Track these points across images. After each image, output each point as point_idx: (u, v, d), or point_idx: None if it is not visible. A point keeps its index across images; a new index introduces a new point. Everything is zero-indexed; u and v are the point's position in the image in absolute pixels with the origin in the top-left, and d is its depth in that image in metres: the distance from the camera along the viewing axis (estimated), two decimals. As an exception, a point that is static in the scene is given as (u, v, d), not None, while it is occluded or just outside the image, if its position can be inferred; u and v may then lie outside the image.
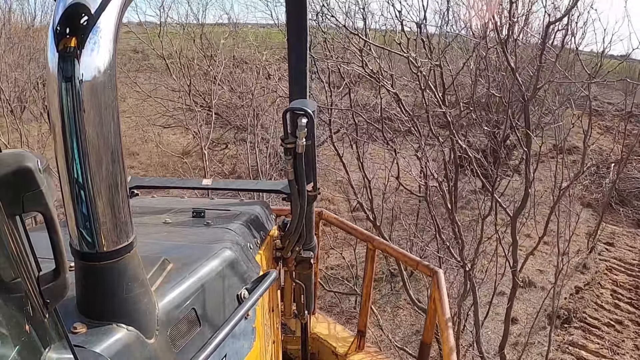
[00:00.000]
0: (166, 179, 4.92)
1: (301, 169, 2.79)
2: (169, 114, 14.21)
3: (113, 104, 1.36)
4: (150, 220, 2.75)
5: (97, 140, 1.34)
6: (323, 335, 5.36)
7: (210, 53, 13.21)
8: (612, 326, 8.65)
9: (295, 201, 2.93)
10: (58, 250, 1.21)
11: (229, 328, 1.95)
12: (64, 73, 1.26)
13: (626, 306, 9.29)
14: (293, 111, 2.67)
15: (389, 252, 4.86)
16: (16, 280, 1.15)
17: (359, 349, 5.20)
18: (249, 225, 2.77)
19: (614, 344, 8.18)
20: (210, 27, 15.18)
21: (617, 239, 11.76)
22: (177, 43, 13.09)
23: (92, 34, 1.27)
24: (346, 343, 5.28)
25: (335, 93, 9.43)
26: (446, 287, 4.33)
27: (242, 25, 15.49)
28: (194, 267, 2.01)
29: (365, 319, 5.18)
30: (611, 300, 9.40)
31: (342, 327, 5.64)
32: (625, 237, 11.89)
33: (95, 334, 1.47)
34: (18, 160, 1.10)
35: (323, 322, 5.68)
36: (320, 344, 5.31)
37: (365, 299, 5.05)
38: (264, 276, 2.37)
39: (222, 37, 14.12)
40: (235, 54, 13.41)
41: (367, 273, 4.96)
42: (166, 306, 1.76)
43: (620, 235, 11.97)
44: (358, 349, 5.20)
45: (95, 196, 1.40)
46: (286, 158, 2.81)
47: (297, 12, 3.04)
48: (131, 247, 1.52)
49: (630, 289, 9.85)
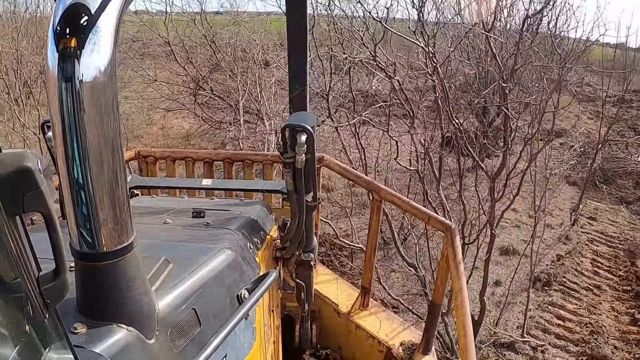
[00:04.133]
0: (166, 179, 4.95)
1: (300, 182, 2.81)
2: (173, 97, 14.72)
3: (113, 103, 1.37)
4: (150, 220, 2.76)
5: (97, 140, 1.35)
6: (325, 292, 5.23)
7: (212, 39, 13.68)
8: (590, 290, 9.25)
9: (295, 210, 2.95)
10: (58, 250, 1.21)
11: (229, 328, 1.96)
12: (64, 73, 1.27)
13: (605, 273, 9.89)
14: (292, 128, 2.65)
15: (396, 203, 4.57)
16: (16, 280, 1.15)
17: (363, 306, 5.08)
18: (249, 226, 2.77)
19: (591, 306, 8.78)
20: (211, 15, 15.61)
21: (600, 214, 12.36)
22: (181, 30, 13.68)
23: (92, 34, 1.28)
24: (349, 300, 5.17)
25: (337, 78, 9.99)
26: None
27: (242, 13, 15.93)
28: (194, 268, 2.02)
29: (370, 274, 4.99)
30: (591, 267, 9.99)
31: (345, 283, 5.54)
32: (607, 213, 12.49)
33: (95, 334, 1.48)
34: (18, 160, 1.10)
35: (325, 276, 5.59)
36: (322, 301, 5.17)
37: (370, 253, 4.87)
38: (264, 276, 2.38)
39: (223, 25, 14.74)
40: (236, 42, 13.89)
41: (372, 226, 4.75)
42: (166, 306, 1.77)
43: (603, 211, 12.57)
44: (362, 307, 5.08)
45: (96, 196, 1.40)
46: (285, 171, 2.81)
47: (297, 29, 3.08)
48: (131, 247, 1.52)
49: (609, 258, 10.44)
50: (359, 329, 4.86)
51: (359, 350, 4.92)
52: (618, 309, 8.82)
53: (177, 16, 14.25)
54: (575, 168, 14.29)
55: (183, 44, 13.52)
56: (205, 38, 13.20)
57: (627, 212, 12.48)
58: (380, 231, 9.46)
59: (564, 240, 10.80)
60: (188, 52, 13.64)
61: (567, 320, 8.29)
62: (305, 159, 2.69)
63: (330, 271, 5.84)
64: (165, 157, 5.31)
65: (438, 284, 4.17)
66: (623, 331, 8.20)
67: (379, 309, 5.16)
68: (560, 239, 10.84)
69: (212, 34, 13.44)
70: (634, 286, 9.36)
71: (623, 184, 13.93)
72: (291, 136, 2.67)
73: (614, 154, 15.21)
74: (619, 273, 9.93)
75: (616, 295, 9.25)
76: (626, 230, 11.61)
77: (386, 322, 4.90)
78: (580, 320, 8.31)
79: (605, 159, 14.58)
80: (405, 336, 4.72)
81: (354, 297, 5.16)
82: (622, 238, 11.24)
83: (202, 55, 13.83)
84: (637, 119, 20.41)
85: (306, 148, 2.65)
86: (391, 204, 4.84)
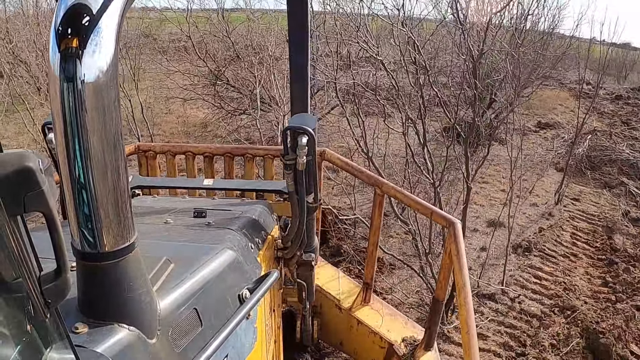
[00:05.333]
0: (167, 179, 5.03)
1: (301, 183, 2.83)
2: (190, 88, 15.89)
3: (115, 104, 1.38)
4: (151, 220, 2.76)
5: (98, 140, 1.36)
6: (326, 287, 5.17)
7: (228, 35, 14.86)
8: (567, 257, 10.33)
9: (296, 211, 2.97)
10: (59, 250, 1.22)
11: (231, 328, 1.98)
12: (66, 73, 1.28)
13: (582, 244, 10.96)
14: (293, 130, 2.68)
15: (398, 198, 4.51)
16: (17, 280, 1.15)
17: (365, 302, 5.03)
18: (250, 226, 2.77)
19: (567, 269, 9.87)
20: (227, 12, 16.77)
21: (584, 196, 13.44)
22: (201, 25, 14.97)
23: (94, 34, 1.29)
24: (351, 296, 5.11)
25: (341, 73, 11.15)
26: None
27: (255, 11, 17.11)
28: (196, 267, 2.03)
29: (372, 270, 4.96)
30: (570, 239, 11.07)
31: (346, 278, 5.50)
32: (591, 195, 13.57)
33: (97, 334, 1.49)
34: (20, 160, 1.10)
35: (326, 270, 5.54)
36: (323, 296, 5.12)
37: (372, 248, 4.81)
38: (266, 276, 2.40)
39: (237, 22, 15.98)
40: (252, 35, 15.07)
41: (375, 220, 4.71)
42: (168, 306, 1.78)
43: (587, 194, 13.65)
44: (364, 302, 5.03)
45: (97, 196, 1.41)
46: (286, 172, 2.82)
47: (298, 29, 3.10)
48: (133, 247, 1.53)
49: (588, 232, 11.50)
50: (361, 325, 4.86)
51: (361, 346, 4.92)
52: (592, 273, 9.91)
53: (196, 13, 15.46)
54: (564, 156, 15.39)
55: (203, 38, 14.76)
56: (226, 32, 14.37)
57: (609, 194, 13.55)
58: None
59: (547, 216, 11.91)
60: (206, 45, 14.86)
61: (544, 280, 9.40)
62: (307, 160, 2.73)
63: (332, 266, 5.85)
64: (165, 152, 5.28)
65: (441, 280, 4.09)
66: (594, 291, 9.28)
67: (381, 304, 5.13)
68: (544, 215, 11.96)
69: (230, 29, 14.65)
70: (608, 256, 10.42)
71: (608, 170, 15.01)
72: (292, 138, 2.70)
73: (600, 143, 16.30)
74: (595, 245, 11.01)
75: (591, 262, 10.33)
76: (606, 210, 12.67)
77: (388, 318, 4.89)
78: (555, 279, 9.42)
79: (592, 147, 15.70)
80: (407, 332, 4.70)
81: (356, 292, 5.13)
82: (602, 217, 12.30)
83: (219, 49, 15.03)
84: (632, 115, 21.52)
85: (307, 150, 2.68)
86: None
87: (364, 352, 4.87)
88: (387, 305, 5.20)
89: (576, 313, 8.18)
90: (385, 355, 4.64)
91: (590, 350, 7.45)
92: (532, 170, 14.03)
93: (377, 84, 10.64)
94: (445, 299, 4.21)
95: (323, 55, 11.74)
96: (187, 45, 16.14)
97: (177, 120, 16.97)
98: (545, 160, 14.94)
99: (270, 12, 17.27)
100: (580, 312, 8.18)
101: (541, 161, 14.93)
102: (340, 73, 11.35)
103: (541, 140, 17.71)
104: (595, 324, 7.82)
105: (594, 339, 7.48)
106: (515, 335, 7.88)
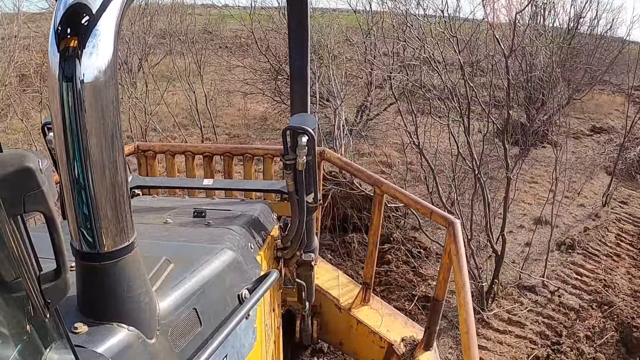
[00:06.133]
0: (167, 179, 5.02)
1: (301, 183, 2.83)
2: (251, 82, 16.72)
3: (114, 104, 1.37)
4: (151, 220, 2.75)
5: (98, 141, 1.35)
6: (325, 287, 5.16)
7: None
8: (610, 256, 10.60)
9: (295, 212, 2.96)
10: (59, 250, 1.22)
11: (230, 328, 1.98)
12: (65, 73, 1.27)
13: (626, 246, 11.18)
14: (293, 130, 2.67)
15: (398, 197, 4.49)
16: (17, 280, 1.14)
17: (364, 302, 5.03)
18: (250, 226, 2.76)
19: (609, 268, 10.18)
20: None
21: (632, 200, 13.57)
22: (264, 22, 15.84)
23: (93, 35, 1.28)
24: (351, 295, 5.11)
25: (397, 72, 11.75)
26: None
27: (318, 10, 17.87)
28: (195, 267, 2.02)
29: (372, 269, 4.96)
30: (614, 240, 11.30)
31: (346, 277, 5.51)
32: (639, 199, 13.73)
33: (96, 334, 1.48)
34: (19, 160, 1.10)
35: (326, 270, 5.52)
36: (323, 296, 5.11)
37: (372, 248, 4.81)
38: (265, 276, 2.40)
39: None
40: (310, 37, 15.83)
41: (374, 220, 4.71)
42: (167, 306, 1.77)
43: (636, 197, 13.77)
44: (363, 302, 5.03)
45: (97, 196, 1.41)
46: (286, 172, 2.82)
47: (298, 30, 3.13)
48: (132, 247, 1.53)
49: (634, 235, 11.67)
50: (360, 325, 4.86)
51: (360, 346, 4.94)
52: (633, 273, 10.17)
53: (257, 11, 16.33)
54: (614, 160, 15.49)
55: (265, 34, 15.61)
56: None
57: (659, 200, 13.66)
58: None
59: (594, 217, 12.16)
60: (268, 41, 15.70)
61: (585, 276, 9.75)
62: (306, 160, 2.73)
63: (332, 266, 5.85)
64: (165, 152, 5.28)
65: (440, 280, 4.09)
66: (634, 290, 9.58)
67: (381, 304, 5.13)
68: (590, 216, 12.22)
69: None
70: (654, 259, 10.67)
71: (660, 176, 15.05)
72: (292, 138, 2.69)
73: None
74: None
75: (634, 263, 10.57)
76: (655, 215, 12.83)
77: (387, 318, 4.89)
78: (596, 277, 9.75)
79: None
80: (407, 332, 4.71)
81: (355, 292, 5.13)
82: (650, 221, 12.48)
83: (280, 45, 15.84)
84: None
85: (307, 150, 2.67)
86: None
87: (364, 352, 4.92)
88: (386, 305, 5.24)
89: (613, 308, 8.54)
90: (384, 355, 4.67)
91: (623, 344, 7.84)
92: (582, 173, 14.25)
93: (431, 83, 11.16)
94: (444, 299, 4.17)
95: (381, 54, 12.34)
96: (249, 41, 16.98)
97: (237, 113, 17.88)
98: (596, 164, 15.08)
99: (330, 10, 18.05)
100: (617, 308, 8.54)
101: (591, 164, 15.08)
102: (395, 72, 11.92)
103: (594, 144, 17.79)
104: (631, 319, 8.17)
105: (628, 333, 7.86)
106: (551, 326, 8.32)
